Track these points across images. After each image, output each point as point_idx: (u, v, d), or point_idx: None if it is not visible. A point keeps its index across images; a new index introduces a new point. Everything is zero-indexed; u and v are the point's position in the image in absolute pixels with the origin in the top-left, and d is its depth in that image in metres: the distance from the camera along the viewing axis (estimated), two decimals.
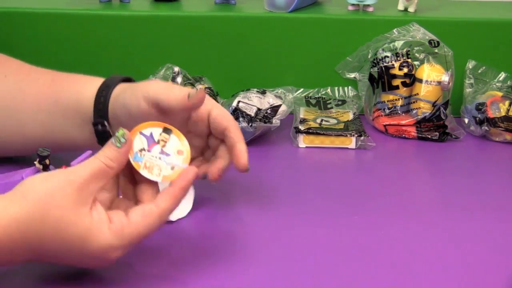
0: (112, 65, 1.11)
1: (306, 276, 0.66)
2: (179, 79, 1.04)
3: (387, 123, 1.05)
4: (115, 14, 1.10)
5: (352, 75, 1.12)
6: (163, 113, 0.70)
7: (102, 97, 0.74)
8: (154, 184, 0.64)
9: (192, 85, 1.04)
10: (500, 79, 1.10)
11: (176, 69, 1.04)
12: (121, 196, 0.65)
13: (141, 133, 0.64)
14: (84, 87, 0.77)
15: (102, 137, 0.75)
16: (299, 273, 0.66)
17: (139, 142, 0.63)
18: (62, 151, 0.80)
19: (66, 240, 0.57)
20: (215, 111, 0.73)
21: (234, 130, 0.72)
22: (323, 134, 0.98)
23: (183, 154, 0.65)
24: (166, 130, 0.65)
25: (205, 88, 1.04)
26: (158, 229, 0.61)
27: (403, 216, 0.79)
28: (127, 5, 1.14)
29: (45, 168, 0.73)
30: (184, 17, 1.11)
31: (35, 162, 0.73)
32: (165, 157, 0.64)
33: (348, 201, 0.82)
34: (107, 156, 0.61)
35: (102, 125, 0.74)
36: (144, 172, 0.63)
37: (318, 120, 1.02)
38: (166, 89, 0.70)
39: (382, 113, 1.06)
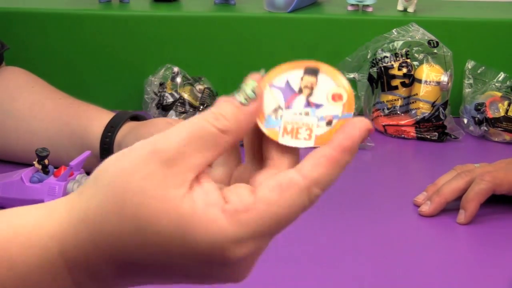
0: (112, 65, 1.11)
1: (306, 275, 0.66)
2: (178, 79, 1.04)
3: (386, 123, 1.05)
4: (114, 14, 1.10)
5: (351, 75, 1.12)
6: None
7: (108, 138, 0.78)
8: (297, 154, 0.41)
9: (192, 85, 1.04)
10: (499, 79, 1.10)
11: (176, 69, 1.04)
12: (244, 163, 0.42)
13: (272, 85, 0.43)
14: (92, 123, 0.81)
15: None
16: (298, 273, 0.66)
17: (270, 99, 0.42)
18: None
19: (156, 239, 0.37)
20: None
21: None
22: None
23: (343, 99, 0.42)
24: (310, 71, 0.44)
25: (205, 88, 1.04)
26: (306, 209, 0.38)
27: (402, 216, 0.79)
28: (126, 5, 1.14)
29: (44, 168, 0.73)
30: (184, 17, 1.11)
31: (34, 162, 0.73)
32: (315, 110, 0.42)
33: (347, 201, 0.82)
34: (220, 113, 0.38)
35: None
36: (286, 140, 0.41)
37: None
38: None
39: (381, 113, 1.06)
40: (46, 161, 0.73)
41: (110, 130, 0.78)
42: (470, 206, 0.76)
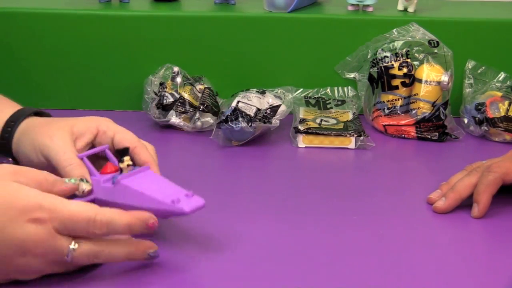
0: (112, 65, 1.11)
1: (305, 275, 0.66)
2: (178, 79, 1.04)
3: (386, 123, 1.05)
4: (114, 14, 1.10)
5: (351, 75, 1.12)
6: None
7: (6, 134, 0.75)
8: None
9: (192, 85, 1.04)
10: (500, 79, 1.10)
11: (176, 69, 1.04)
12: None
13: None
14: None
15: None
16: (298, 273, 0.66)
17: None
18: None
19: None
20: (118, 136, 0.73)
21: (142, 151, 0.73)
22: (323, 134, 0.98)
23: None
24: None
25: (205, 88, 1.04)
26: (92, 225, 0.60)
27: (402, 215, 0.79)
28: (126, 5, 1.14)
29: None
30: (184, 17, 1.11)
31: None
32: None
33: (347, 201, 0.82)
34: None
35: (7, 161, 0.74)
36: None
37: (318, 120, 1.02)
38: (59, 155, 0.70)
39: (382, 113, 1.06)
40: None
41: (8, 132, 0.75)
42: (482, 198, 0.77)
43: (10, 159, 0.74)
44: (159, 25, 1.10)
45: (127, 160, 0.67)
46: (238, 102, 0.99)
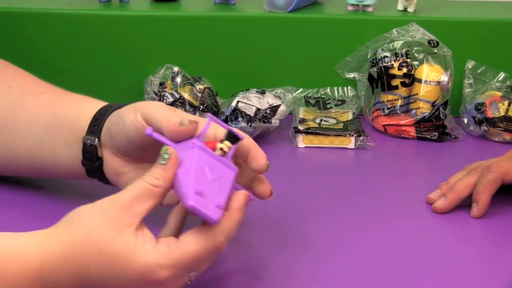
0: (112, 65, 1.11)
1: (305, 275, 0.66)
2: (178, 79, 1.04)
3: (386, 123, 1.05)
4: (114, 14, 1.10)
5: (351, 75, 1.12)
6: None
7: (101, 114, 0.70)
8: None
9: (192, 85, 1.04)
10: (499, 79, 1.10)
11: (176, 69, 1.04)
12: None
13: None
14: (88, 106, 0.73)
15: (88, 156, 0.70)
16: (298, 272, 0.66)
17: None
18: (46, 175, 0.77)
19: (109, 260, 0.54)
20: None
21: (249, 141, 0.64)
22: (322, 134, 0.98)
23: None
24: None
25: (205, 88, 1.04)
26: (214, 251, 0.56)
27: (402, 216, 0.79)
28: (126, 5, 1.14)
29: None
30: (184, 17, 1.11)
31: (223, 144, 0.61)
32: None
33: (347, 201, 0.82)
34: (151, 175, 0.57)
35: (91, 140, 0.69)
36: None
37: (317, 120, 1.02)
38: (161, 110, 0.64)
39: (382, 113, 1.06)
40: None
41: (106, 109, 0.71)
42: (481, 198, 0.78)
43: (96, 139, 0.69)
44: (159, 25, 1.10)
45: (226, 144, 0.60)
46: (238, 102, 0.99)
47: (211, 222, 0.55)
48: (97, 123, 0.70)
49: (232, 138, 0.60)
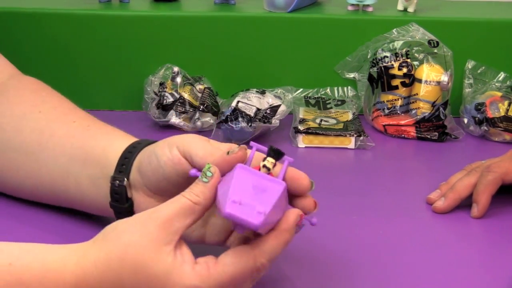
0: (112, 65, 1.11)
1: (305, 275, 0.66)
2: (178, 79, 1.04)
3: (386, 123, 1.05)
4: (114, 14, 1.10)
5: (351, 75, 1.12)
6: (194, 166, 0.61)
7: (130, 151, 0.66)
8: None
9: (192, 85, 1.04)
10: (500, 79, 1.10)
11: (176, 69, 1.04)
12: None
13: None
14: (117, 141, 0.68)
15: (116, 197, 0.66)
16: (297, 272, 0.66)
17: None
18: (71, 206, 0.74)
19: (146, 281, 0.52)
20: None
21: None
22: (322, 134, 0.98)
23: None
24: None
25: (205, 88, 1.04)
26: (254, 273, 0.53)
27: (402, 216, 0.79)
28: (126, 5, 1.14)
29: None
30: (184, 17, 1.11)
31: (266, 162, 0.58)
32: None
33: (347, 201, 0.82)
34: (192, 192, 0.55)
35: (120, 181, 0.65)
36: None
37: (318, 120, 1.02)
38: (202, 145, 0.60)
39: (382, 113, 1.06)
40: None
41: (135, 147, 0.66)
42: (481, 199, 0.78)
43: (125, 178, 0.65)
44: (159, 25, 1.10)
45: (268, 160, 0.57)
46: (238, 102, 0.99)
47: (253, 228, 0.51)
48: (126, 162, 0.65)
49: (275, 153, 0.57)
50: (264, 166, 0.56)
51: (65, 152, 0.70)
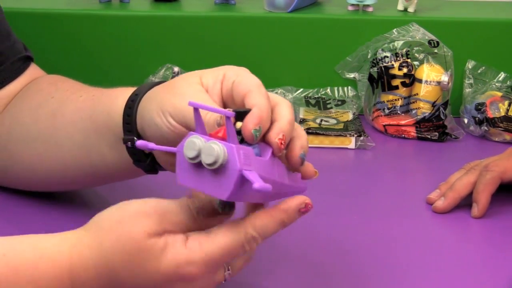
0: (112, 65, 1.11)
1: (305, 275, 0.66)
2: None
3: (386, 123, 1.05)
4: (115, 14, 1.10)
5: (351, 75, 1.12)
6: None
7: (129, 108, 0.63)
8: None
9: None
10: (500, 79, 1.10)
11: (176, 69, 1.04)
12: None
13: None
14: (116, 99, 0.66)
15: (135, 157, 0.64)
16: (297, 272, 0.66)
17: None
18: (103, 181, 0.74)
19: (139, 263, 0.52)
20: (237, 80, 0.61)
21: (254, 96, 0.58)
22: (323, 134, 0.98)
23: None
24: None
25: None
26: (244, 247, 0.52)
27: (402, 216, 0.79)
28: (127, 5, 1.14)
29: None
30: (184, 17, 1.11)
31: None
32: None
33: (347, 201, 0.82)
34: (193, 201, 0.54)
35: (131, 141, 0.63)
36: None
37: (318, 120, 1.02)
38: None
39: (382, 113, 1.06)
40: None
41: (133, 100, 0.64)
42: (481, 198, 0.77)
43: (135, 138, 0.62)
44: (159, 25, 1.10)
45: (237, 125, 0.53)
46: None
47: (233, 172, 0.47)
48: (129, 120, 0.63)
49: (240, 113, 0.53)
50: (239, 133, 0.52)
51: (77, 127, 0.69)
